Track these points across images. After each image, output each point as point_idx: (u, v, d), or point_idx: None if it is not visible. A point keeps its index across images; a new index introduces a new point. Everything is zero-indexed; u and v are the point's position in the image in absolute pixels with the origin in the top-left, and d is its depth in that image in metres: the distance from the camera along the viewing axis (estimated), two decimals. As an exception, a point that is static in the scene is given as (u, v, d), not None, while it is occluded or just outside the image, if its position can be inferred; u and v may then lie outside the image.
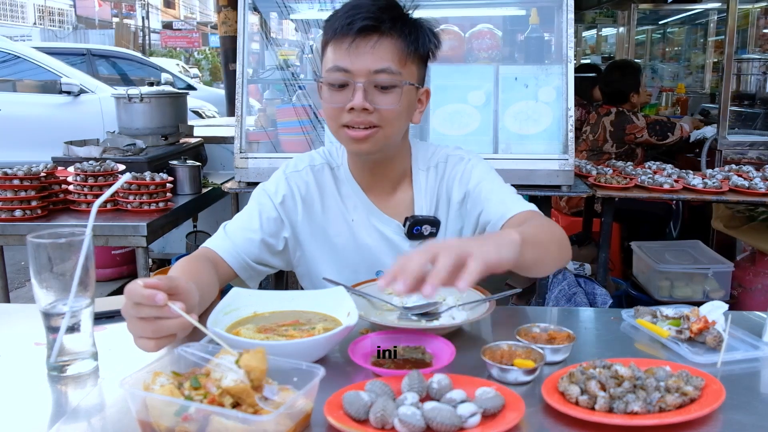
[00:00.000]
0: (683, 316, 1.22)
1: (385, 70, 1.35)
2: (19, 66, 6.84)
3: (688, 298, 3.48)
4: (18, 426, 0.95)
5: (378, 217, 1.55)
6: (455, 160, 1.58)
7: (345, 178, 1.57)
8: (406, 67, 1.39)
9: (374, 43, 1.35)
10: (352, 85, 1.36)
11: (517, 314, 1.42)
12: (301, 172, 1.57)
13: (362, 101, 1.35)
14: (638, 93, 4.32)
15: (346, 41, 1.35)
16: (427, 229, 1.53)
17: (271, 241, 1.53)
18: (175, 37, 25.71)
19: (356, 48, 1.35)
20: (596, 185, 3.15)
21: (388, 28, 1.36)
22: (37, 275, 1.05)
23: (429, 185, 1.57)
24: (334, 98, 1.39)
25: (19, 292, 4.56)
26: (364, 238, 1.55)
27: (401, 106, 1.39)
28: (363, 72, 1.35)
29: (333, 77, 1.38)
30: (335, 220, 1.57)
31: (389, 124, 1.39)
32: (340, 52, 1.36)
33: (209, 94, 10.35)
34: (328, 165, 1.59)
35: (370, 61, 1.35)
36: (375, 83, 1.36)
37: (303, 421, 0.89)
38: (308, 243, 1.58)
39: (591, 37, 9.68)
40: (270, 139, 3.05)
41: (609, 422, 0.90)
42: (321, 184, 1.57)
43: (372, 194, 1.56)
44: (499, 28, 3.14)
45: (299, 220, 1.56)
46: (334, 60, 1.37)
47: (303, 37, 3.44)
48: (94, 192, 2.90)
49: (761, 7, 5.51)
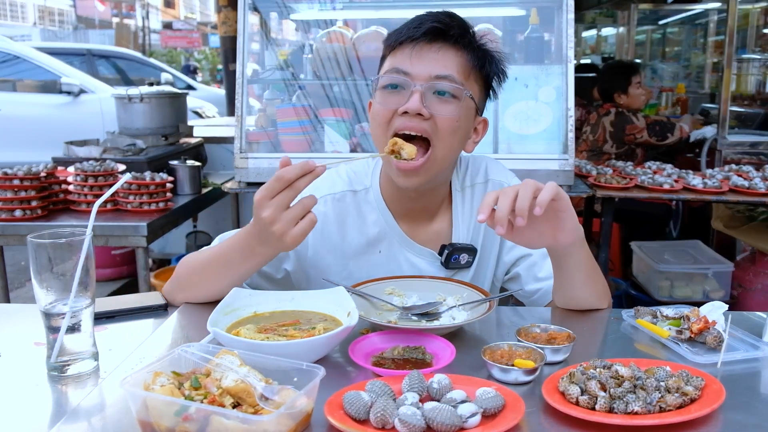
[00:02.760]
0: (683, 317, 1.22)
1: (447, 77, 1.28)
2: (19, 66, 6.84)
3: (688, 298, 3.48)
4: (18, 426, 0.95)
5: (410, 248, 1.45)
6: (495, 185, 1.49)
7: (375, 203, 1.44)
8: (468, 81, 1.31)
9: (438, 48, 1.29)
10: (409, 87, 1.28)
11: (517, 314, 1.42)
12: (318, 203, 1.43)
13: (418, 104, 1.25)
14: (626, 94, 4.28)
15: (410, 44, 1.29)
16: (464, 258, 1.44)
17: (268, 270, 1.43)
18: (175, 37, 25.69)
19: (419, 51, 1.29)
20: (596, 185, 3.15)
21: (456, 37, 1.30)
22: (37, 275, 1.05)
23: (466, 208, 1.48)
24: (386, 100, 1.31)
25: (19, 292, 4.57)
26: (393, 271, 1.44)
27: (459, 121, 1.30)
28: (423, 76, 1.28)
29: (389, 78, 1.31)
30: (358, 251, 1.45)
31: (443, 138, 1.29)
32: (401, 56, 1.30)
33: (209, 94, 10.34)
34: (351, 192, 1.45)
35: (432, 66, 1.28)
36: (435, 89, 1.28)
37: (303, 421, 0.89)
38: (316, 277, 1.44)
39: (591, 37, 9.69)
40: (270, 139, 3.05)
41: (609, 422, 0.90)
42: (341, 216, 1.44)
43: (405, 222, 1.45)
44: (499, 28, 3.14)
45: (309, 255, 1.44)
46: (394, 63, 1.31)
47: (303, 37, 3.44)
48: (94, 192, 2.90)
49: (761, 7, 5.51)
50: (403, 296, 1.37)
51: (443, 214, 1.48)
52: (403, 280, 1.42)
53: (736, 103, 4.90)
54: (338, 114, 2.99)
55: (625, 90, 4.27)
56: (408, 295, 1.38)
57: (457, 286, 1.38)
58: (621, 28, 7.99)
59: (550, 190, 1.13)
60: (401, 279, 1.42)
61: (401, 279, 1.42)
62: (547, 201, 1.11)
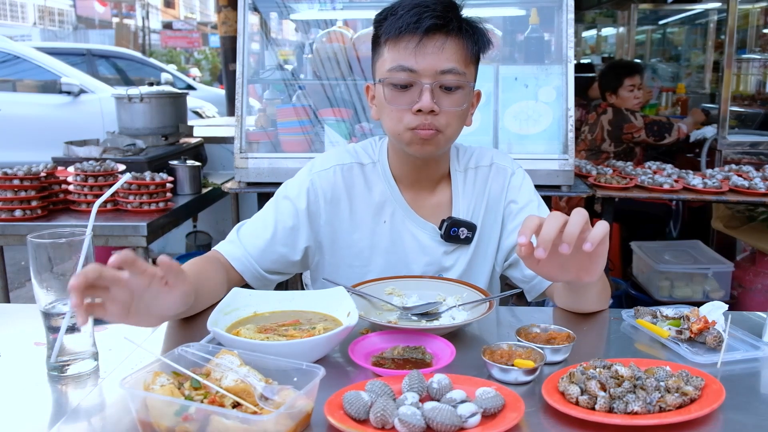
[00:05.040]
0: (683, 317, 1.22)
1: (452, 70, 1.34)
2: (19, 66, 6.84)
3: (688, 298, 3.48)
4: (18, 426, 0.95)
5: (413, 220, 1.50)
6: (499, 169, 1.55)
7: (382, 174, 1.51)
8: (468, 67, 1.38)
9: (441, 43, 1.33)
10: (418, 85, 1.33)
11: (517, 314, 1.42)
12: (327, 171, 1.50)
13: (430, 102, 1.32)
14: (615, 94, 4.27)
15: (413, 40, 1.32)
16: (464, 232, 1.48)
17: (286, 251, 1.49)
18: (175, 37, 25.68)
19: (423, 47, 1.32)
20: (596, 185, 3.15)
21: (455, 29, 1.34)
22: (37, 275, 1.06)
23: (467, 188, 1.53)
24: (399, 99, 1.35)
25: (19, 292, 4.56)
26: (395, 242, 1.50)
27: (464, 107, 1.38)
28: (430, 72, 1.33)
29: (398, 77, 1.34)
30: (363, 222, 1.51)
31: (450, 126, 1.37)
32: (405, 52, 1.33)
33: (209, 94, 10.34)
34: (358, 164, 1.52)
35: (437, 61, 1.32)
36: (441, 83, 1.34)
37: (303, 421, 0.89)
38: (329, 248, 1.52)
39: (591, 37, 9.68)
40: (270, 139, 3.05)
41: (609, 422, 0.90)
42: (349, 184, 1.51)
43: (410, 193, 1.51)
44: (499, 28, 3.14)
45: (322, 224, 1.50)
46: (398, 59, 1.34)
47: (303, 37, 3.44)
48: (94, 192, 2.90)
49: (761, 7, 5.51)
50: (403, 296, 1.38)
51: (443, 189, 1.54)
52: (403, 280, 1.42)
53: (736, 103, 4.89)
54: (338, 114, 2.99)
55: (615, 91, 4.26)
56: (408, 295, 1.38)
57: (457, 286, 1.39)
58: (621, 28, 7.98)
59: (603, 230, 1.07)
60: (401, 279, 1.42)
61: (401, 279, 1.42)
62: (599, 240, 1.06)
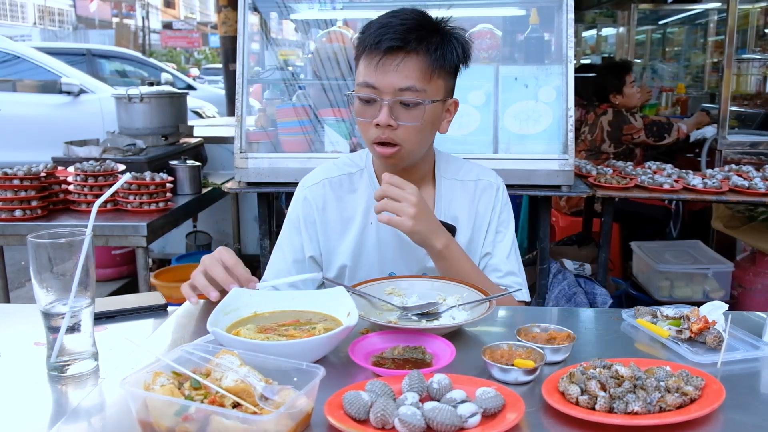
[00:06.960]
0: (683, 316, 1.22)
1: (410, 88, 1.41)
2: (19, 66, 6.83)
3: (688, 298, 3.48)
4: (18, 426, 0.95)
5: None
6: (485, 185, 1.64)
7: (369, 179, 1.62)
8: (431, 82, 1.44)
9: (399, 61, 1.41)
10: (379, 101, 1.43)
11: (517, 314, 1.42)
12: (318, 185, 1.63)
13: (387, 118, 1.42)
14: (621, 93, 4.27)
15: (375, 59, 1.42)
16: None
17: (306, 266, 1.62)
18: (175, 37, 25.70)
19: (383, 66, 1.41)
20: (596, 185, 3.15)
21: (414, 47, 1.41)
22: (37, 275, 1.05)
23: (453, 196, 1.62)
24: (364, 112, 1.47)
25: (19, 292, 4.56)
26: (381, 243, 1.59)
27: (423, 122, 1.45)
28: (389, 90, 1.42)
29: (362, 93, 1.45)
30: (353, 223, 1.61)
31: (410, 140, 1.46)
32: (369, 69, 1.43)
33: (209, 94, 10.34)
34: (346, 175, 1.64)
35: (396, 79, 1.41)
36: (400, 100, 1.43)
37: (303, 421, 0.89)
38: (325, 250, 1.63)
39: (591, 37, 9.67)
40: (270, 139, 3.05)
41: (609, 422, 0.90)
42: (338, 194, 1.63)
43: None
44: (499, 28, 3.14)
45: (318, 231, 1.62)
46: (364, 75, 1.44)
47: (303, 37, 3.44)
48: (94, 192, 2.90)
49: (761, 7, 5.51)
50: (403, 296, 1.38)
51: (426, 192, 1.61)
52: (403, 280, 1.42)
53: (736, 103, 4.89)
54: (338, 114, 2.99)
55: (620, 90, 4.26)
56: (408, 295, 1.38)
57: (457, 286, 1.39)
58: (621, 28, 7.97)
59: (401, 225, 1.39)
60: (401, 279, 1.43)
61: (401, 279, 1.43)
62: None
